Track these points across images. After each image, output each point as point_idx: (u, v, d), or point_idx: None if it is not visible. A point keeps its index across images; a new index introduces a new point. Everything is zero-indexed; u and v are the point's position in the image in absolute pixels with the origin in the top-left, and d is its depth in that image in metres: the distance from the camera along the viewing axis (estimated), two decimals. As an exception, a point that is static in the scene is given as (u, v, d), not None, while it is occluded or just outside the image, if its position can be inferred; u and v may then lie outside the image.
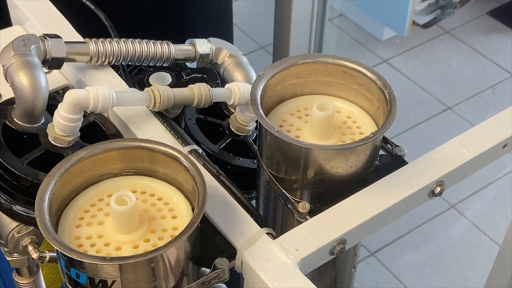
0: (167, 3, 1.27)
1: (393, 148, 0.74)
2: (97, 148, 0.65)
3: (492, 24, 2.75)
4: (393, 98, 0.70)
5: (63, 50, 0.76)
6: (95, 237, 0.62)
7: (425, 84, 2.48)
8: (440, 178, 0.72)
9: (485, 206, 2.09)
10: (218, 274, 0.63)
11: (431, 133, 2.30)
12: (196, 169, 0.63)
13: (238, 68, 0.82)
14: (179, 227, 0.63)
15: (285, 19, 1.87)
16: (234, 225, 0.66)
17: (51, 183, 0.62)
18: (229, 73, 0.82)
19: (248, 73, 0.82)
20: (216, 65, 0.84)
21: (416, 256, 1.96)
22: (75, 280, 0.60)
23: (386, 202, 0.69)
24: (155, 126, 0.76)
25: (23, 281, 0.79)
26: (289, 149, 0.67)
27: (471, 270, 1.92)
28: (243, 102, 0.77)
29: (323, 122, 0.69)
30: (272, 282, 0.61)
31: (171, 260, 0.60)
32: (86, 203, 0.65)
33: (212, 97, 0.76)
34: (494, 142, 0.75)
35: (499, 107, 2.37)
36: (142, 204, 0.65)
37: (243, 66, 0.82)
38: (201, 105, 0.76)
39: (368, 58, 2.53)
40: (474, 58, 2.60)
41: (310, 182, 0.69)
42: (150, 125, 0.76)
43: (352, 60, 0.73)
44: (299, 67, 0.74)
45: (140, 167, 0.67)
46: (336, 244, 0.66)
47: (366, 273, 1.89)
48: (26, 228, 0.72)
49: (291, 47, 1.92)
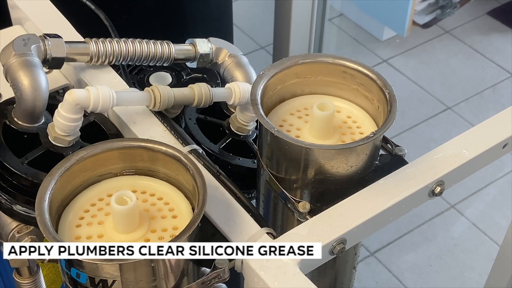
0: (167, 3, 1.27)
1: (393, 148, 0.74)
2: (97, 148, 0.65)
3: (492, 24, 2.75)
4: (393, 98, 0.70)
5: (63, 49, 0.76)
6: (95, 237, 0.62)
7: (425, 84, 2.48)
8: (440, 178, 0.72)
9: (485, 206, 2.09)
10: (218, 274, 0.63)
11: (431, 133, 2.30)
12: (196, 169, 0.63)
13: (238, 68, 0.82)
14: (179, 227, 0.63)
15: (285, 19, 1.87)
16: (234, 225, 0.66)
17: (51, 183, 0.62)
18: (229, 72, 0.82)
19: (248, 73, 0.82)
20: (216, 64, 0.84)
21: (416, 256, 1.95)
22: (75, 280, 0.60)
23: (386, 202, 0.69)
24: (155, 126, 0.76)
25: (23, 281, 0.79)
26: (289, 149, 0.67)
27: (471, 270, 1.92)
28: (243, 102, 0.77)
29: (323, 122, 0.69)
30: (272, 282, 0.61)
31: (171, 260, 0.60)
32: (86, 203, 0.65)
33: (212, 97, 0.76)
34: (494, 142, 0.76)
35: (499, 107, 2.37)
36: (142, 204, 0.65)
37: (243, 66, 0.82)
38: (201, 104, 0.76)
39: (368, 58, 2.53)
40: (474, 58, 2.60)
41: (310, 181, 0.69)
42: (150, 125, 0.76)
43: (352, 60, 0.73)
44: (299, 67, 0.74)
45: (140, 167, 0.67)
46: (336, 244, 0.66)
47: (366, 273, 1.89)
48: (26, 228, 0.72)
49: (291, 47, 1.92)
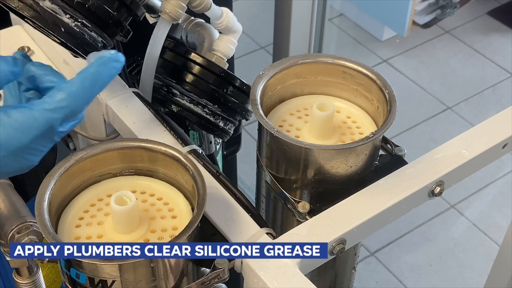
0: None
1: (393, 148, 0.74)
2: (97, 148, 0.65)
3: (492, 24, 2.75)
4: (393, 98, 0.70)
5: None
6: (94, 237, 0.62)
7: (425, 84, 2.48)
8: (440, 178, 0.72)
9: (485, 206, 2.09)
10: (218, 274, 0.63)
11: (431, 133, 2.30)
12: (196, 169, 0.63)
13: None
14: (179, 227, 0.63)
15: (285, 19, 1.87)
16: (234, 225, 0.66)
17: (51, 183, 0.62)
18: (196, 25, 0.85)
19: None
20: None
21: (416, 256, 1.95)
22: (74, 280, 0.60)
23: (386, 202, 0.69)
24: (155, 126, 0.76)
25: (23, 281, 0.78)
26: (289, 149, 0.67)
27: (471, 270, 1.92)
28: (229, 27, 0.81)
29: (323, 122, 0.69)
30: (272, 282, 0.61)
31: (171, 260, 0.60)
32: (86, 203, 0.65)
33: (210, 4, 0.78)
34: (494, 142, 0.75)
35: (499, 107, 2.37)
36: (142, 204, 0.65)
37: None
38: (200, 7, 0.78)
39: (368, 58, 2.53)
40: (474, 58, 2.60)
41: (310, 182, 0.69)
42: (150, 125, 0.76)
43: (352, 60, 0.73)
44: (299, 67, 0.74)
45: (140, 167, 0.67)
46: (336, 244, 0.66)
47: (366, 273, 1.89)
48: (26, 228, 0.72)
49: (291, 47, 1.91)
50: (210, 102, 0.79)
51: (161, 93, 0.80)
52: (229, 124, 0.82)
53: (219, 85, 0.79)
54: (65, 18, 0.65)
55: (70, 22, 0.65)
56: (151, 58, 0.77)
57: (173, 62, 0.80)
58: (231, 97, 0.80)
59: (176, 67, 0.80)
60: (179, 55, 0.80)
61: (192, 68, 0.79)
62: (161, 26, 0.76)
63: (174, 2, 0.75)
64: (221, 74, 0.79)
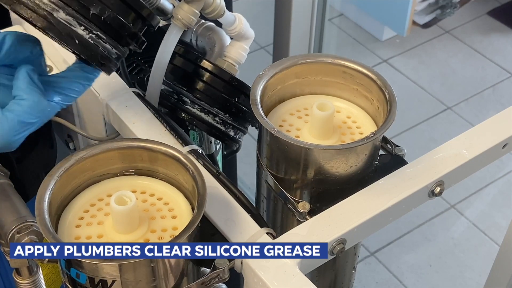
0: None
1: (393, 148, 0.74)
2: (97, 148, 0.65)
3: (492, 24, 2.75)
4: (393, 98, 0.70)
5: None
6: (95, 237, 0.62)
7: (425, 84, 2.48)
8: (440, 178, 0.72)
9: (485, 206, 2.09)
10: (218, 274, 0.63)
11: (431, 133, 2.30)
12: (196, 169, 0.63)
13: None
14: (179, 227, 0.63)
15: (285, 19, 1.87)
16: (234, 225, 0.66)
17: (51, 183, 0.62)
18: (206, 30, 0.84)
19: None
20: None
21: (416, 256, 1.95)
22: (75, 280, 0.60)
23: (386, 202, 0.69)
24: (155, 126, 0.76)
25: (23, 281, 0.78)
26: (289, 149, 0.67)
27: (471, 270, 1.92)
28: (242, 33, 0.80)
29: (323, 122, 0.69)
30: (272, 282, 0.61)
31: (171, 260, 0.60)
32: (86, 203, 0.65)
33: (224, 10, 0.76)
34: (494, 142, 0.75)
35: (499, 107, 2.37)
36: (142, 204, 0.65)
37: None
38: (214, 13, 0.76)
39: (368, 58, 2.53)
40: (474, 58, 2.60)
41: (310, 182, 0.69)
42: (150, 125, 0.76)
43: (352, 60, 0.73)
44: (299, 67, 0.74)
45: (140, 167, 0.67)
46: (336, 244, 0.66)
47: (366, 273, 1.89)
48: (26, 228, 0.72)
49: (291, 47, 1.91)
50: (221, 111, 0.78)
51: (171, 100, 0.78)
52: (239, 133, 0.81)
53: (231, 94, 0.78)
54: (80, 29, 0.63)
55: (85, 34, 0.63)
56: (161, 64, 0.76)
57: (184, 68, 0.78)
58: (242, 106, 0.79)
59: (186, 74, 0.78)
60: (190, 62, 0.78)
61: (203, 76, 0.77)
62: (172, 32, 0.75)
63: (187, 8, 0.74)
64: (233, 83, 0.78)
